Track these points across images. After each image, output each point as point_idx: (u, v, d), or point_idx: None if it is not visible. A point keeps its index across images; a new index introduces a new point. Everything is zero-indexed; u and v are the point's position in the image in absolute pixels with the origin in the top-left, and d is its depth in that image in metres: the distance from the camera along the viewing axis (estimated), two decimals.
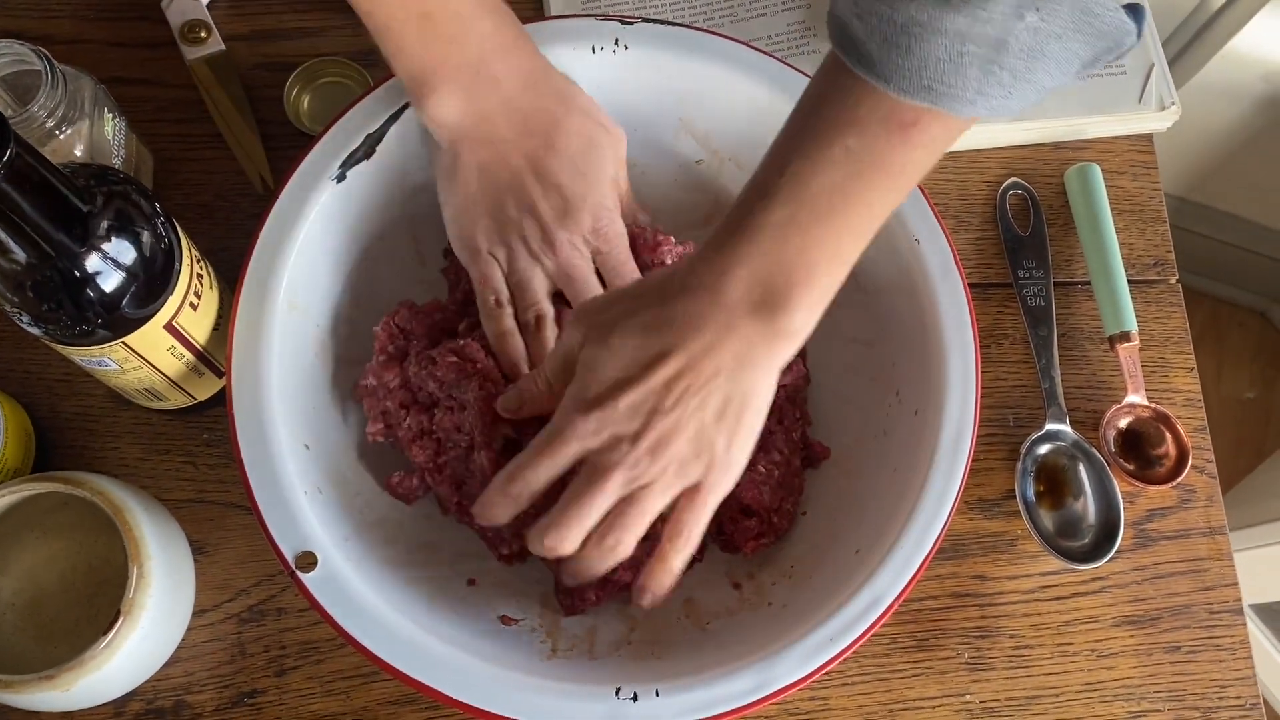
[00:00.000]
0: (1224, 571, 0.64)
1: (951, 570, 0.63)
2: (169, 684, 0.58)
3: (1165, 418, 0.65)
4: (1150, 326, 0.69)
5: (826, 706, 0.60)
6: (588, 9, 0.72)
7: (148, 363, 0.53)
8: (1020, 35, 0.41)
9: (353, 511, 0.56)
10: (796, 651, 0.51)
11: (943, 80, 0.42)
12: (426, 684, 0.49)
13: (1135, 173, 0.72)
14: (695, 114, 0.64)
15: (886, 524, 0.54)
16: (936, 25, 0.40)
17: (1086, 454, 0.64)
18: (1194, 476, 0.66)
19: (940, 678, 0.61)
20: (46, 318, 0.48)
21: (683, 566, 0.51)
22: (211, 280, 0.56)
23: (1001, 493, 0.65)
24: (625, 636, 0.56)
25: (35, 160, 0.42)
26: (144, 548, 0.52)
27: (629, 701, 0.50)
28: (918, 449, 0.56)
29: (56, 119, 0.57)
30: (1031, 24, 0.40)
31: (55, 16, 0.71)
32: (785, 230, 0.46)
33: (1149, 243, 0.71)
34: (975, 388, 0.56)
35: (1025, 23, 0.40)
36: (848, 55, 0.44)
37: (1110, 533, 0.62)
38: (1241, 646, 0.63)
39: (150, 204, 0.50)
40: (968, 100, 0.42)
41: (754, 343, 0.47)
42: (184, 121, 0.69)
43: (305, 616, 0.60)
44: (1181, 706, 0.61)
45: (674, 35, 0.62)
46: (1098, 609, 0.63)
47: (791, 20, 0.72)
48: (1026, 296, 0.68)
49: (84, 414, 0.63)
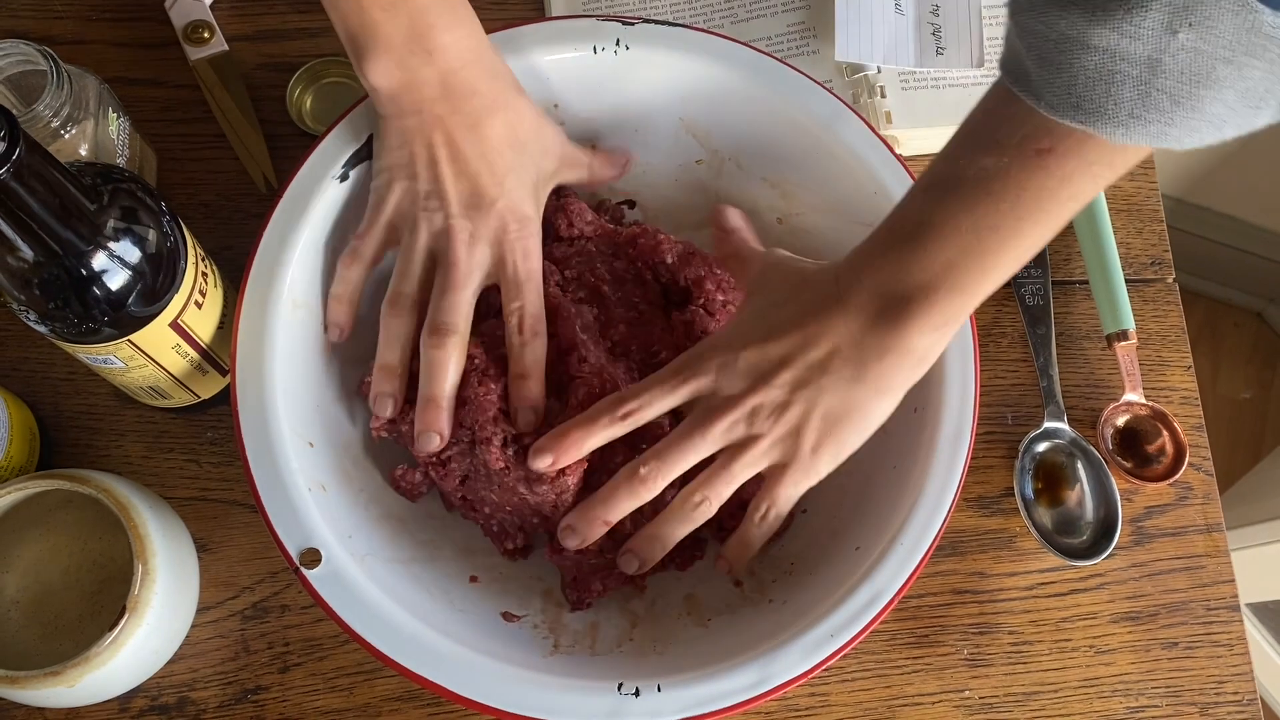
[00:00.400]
0: (1221, 568, 0.64)
1: (951, 567, 0.63)
2: (173, 680, 0.59)
3: (1162, 416, 0.66)
4: (1147, 325, 0.69)
5: (827, 702, 0.60)
6: (589, 10, 0.73)
7: (153, 361, 0.54)
8: (1176, 55, 0.38)
9: (356, 508, 0.56)
10: (797, 647, 0.51)
11: (1091, 98, 0.39)
12: (430, 679, 0.50)
13: (1132, 172, 0.73)
14: (696, 114, 0.64)
15: (886, 521, 0.55)
16: (1086, 40, 0.38)
17: (1084, 452, 0.64)
18: (1191, 474, 0.66)
19: (939, 674, 0.61)
20: (53, 315, 0.48)
21: (761, 543, 0.55)
22: (216, 279, 0.56)
23: (1000, 490, 0.65)
24: (627, 633, 0.57)
25: (43, 159, 0.42)
26: (149, 544, 0.53)
27: (631, 697, 0.50)
28: (917, 446, 0.56)
29: (62, 118, 0.57)
30: (1187, 43, 0.37)
31: (58, 17, 0.71)
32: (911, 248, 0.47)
33: (1146, 242, 0.71)
34: (974, 386, 0.57)
35: (1179, 40, 0.37)
36: (1006, 72, 0.43)
37: (1108, 530, 0.62)
38: (1239, 643, 0.63)
39: (156, 202, 0.50)
40: (1120, 122, 0.40)
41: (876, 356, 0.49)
42: (187, 121, 0.70)
43: (308, 613, 0.60)
44: (1179, 702, 0.62)
45: (675, 36, 0.62)
46: (1096, 605, 0.63)
47: (791, 21, 0.73)
48: (1025, 295, 0.68)
49: (88, 412, 0.63)
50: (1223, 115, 0.40)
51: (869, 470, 0.59)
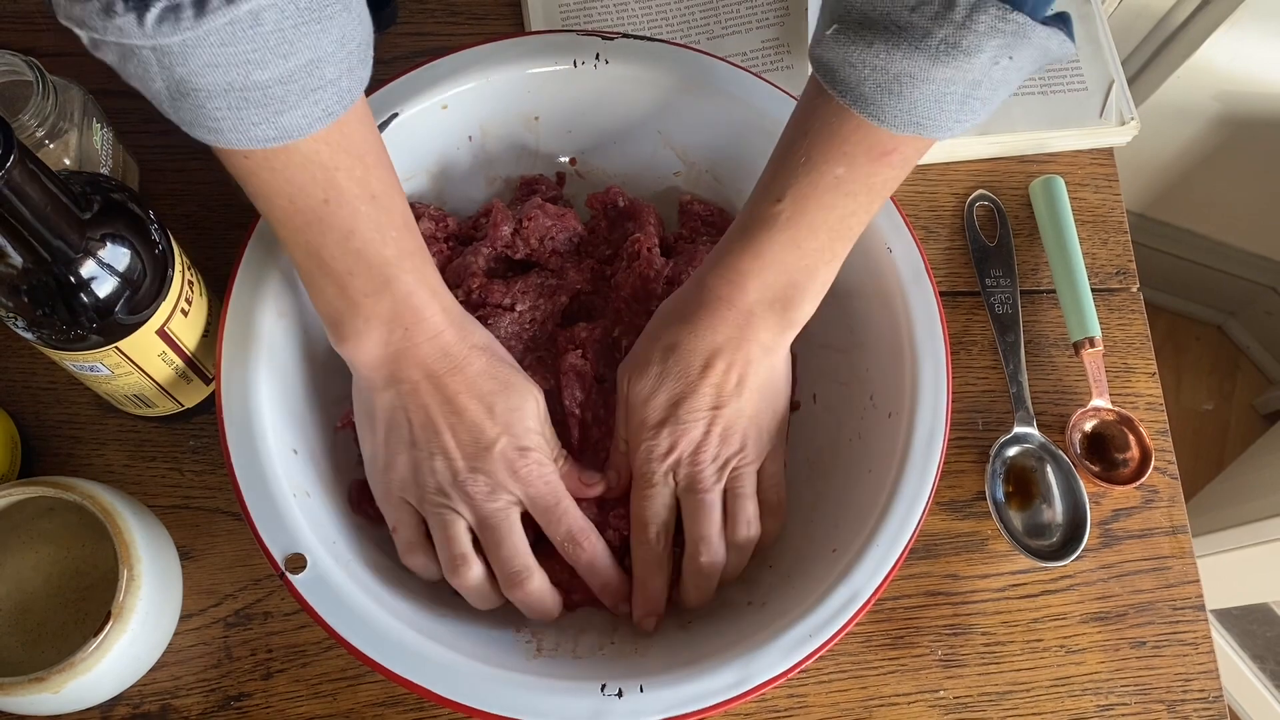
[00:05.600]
0: (1186, 569, 0.66)
1: (925, 570, 0.65)
2: (155, 688, 0.59)
3: (1129, 420, 0.67)
4: (1113, 333, 0.71)
5: (805, 704, 0.61)
6: (568, 25, 0.74)
7: (139, 368, 0.54)
8: (993, 74, 0.46)
9: (340, 515, 0.57)
10: (777, 646, 0.52)
11: (929, 117, 0.48)
12: (415, 682, 0.50)
13: (1097, 185, 0.75)
14: (674, 127, 0.65)
15: (862, 523, 0.56)
16: (926, 75, 0.46)
17: (1053, 456, 0.66)
18: (1156, 477, 0.68)
19: (915, 674, 0.63)
20: (41, 322, 0.49)
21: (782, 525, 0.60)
22: (201, 287, 0.57)
23: (972, 494, 0.66)
24: (609, 636, 0.57)
25: (35, 166, 0.43)
26: (134, 550, 0.53)
27: (614, 697, 0.51)
28: (891, 451, 0.58)
29: (47, 128, 0.57)
30: (1003, 66, 0.46)
31: (41, 30, 0.72)
32: (787, 248, 0.54)
33: (1111, 252, 0.73)
34: (946, 392, 0.58)
35: (999, 66, 0.46)
36: (840, 95, 0.49)
37: (1077, 532, 0.64)
38: (1204, 641, 0.65)
39: (144, 210, 0.51)
40: (946, 129, 0.49)
41: (772, 332, 0.56)
42: (169, 133, 0.69)
43: (292, 620, 0.60)
44: (1147, 700, 0.63)
45: (654, 51, 0.63)
46: (1066, 606, 0.65)
47: (765, 38, 0.74)
48: (994, 304, 0.70)
49: (70, 421, 0.63)
50: (1002, 99, 0.49)
51: (845, 474, 0.60)
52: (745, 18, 0.75)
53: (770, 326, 0.56)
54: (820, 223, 0.53)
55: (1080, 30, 0.76)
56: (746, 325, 0.55)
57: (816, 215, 0.53)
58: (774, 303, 0.55)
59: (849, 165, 0.51)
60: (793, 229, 0.53)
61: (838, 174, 0.52)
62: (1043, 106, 0.74)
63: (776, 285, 0.55)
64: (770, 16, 0.75)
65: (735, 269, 0.55)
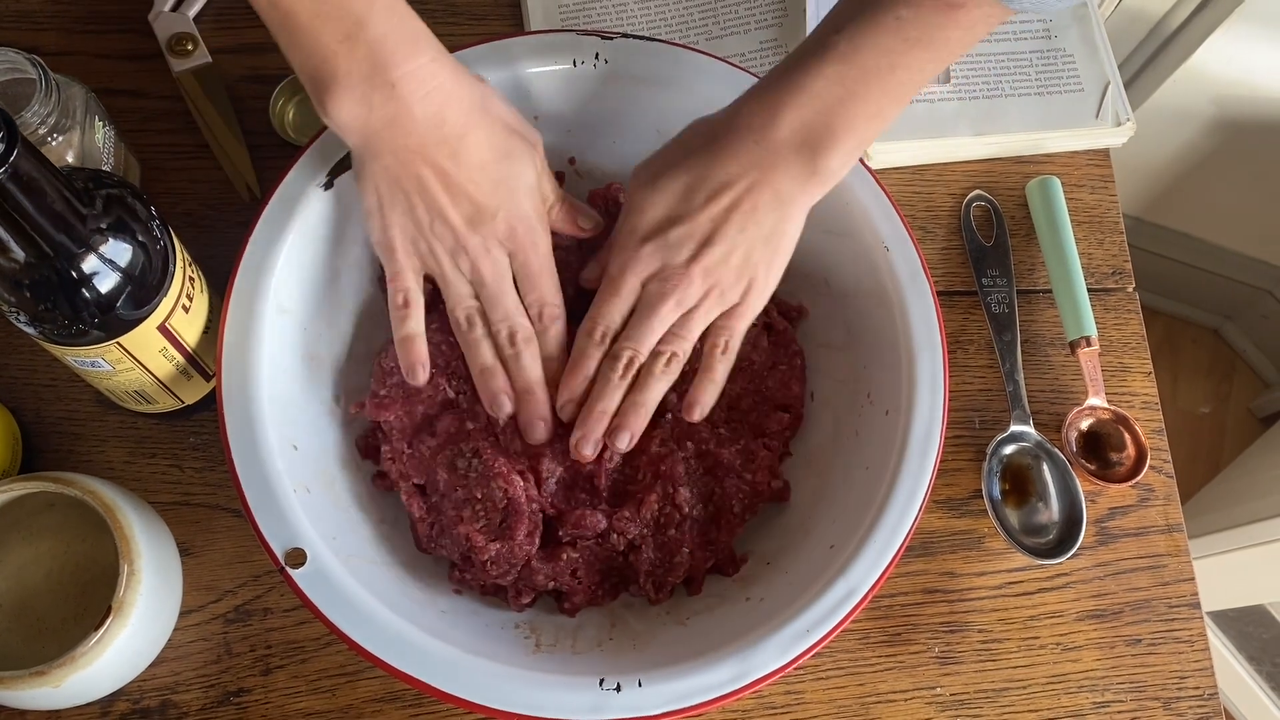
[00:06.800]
0: (1181, 567, 0.67)
1: (921, 567, 0.65)
2: (155, 684, 0.59)
3: (1124, 419, 0.68)
4: (1109, 333, 0.71)
5: (802, 700, 0.62)
6: (568, 25, 0.74)
7: (140, 364, 0.54)
8: None
9: (340, 511, 0.57)
10: (774, 642, 0.52)
11: None
12: (415, 676, 0.50)
13: (1093, 186, 0.75)
14: (672, 126, 0.65)
15: (859, 519, 0.56)
16: None
17: (1050, 454, 0.66)
18: (1152, 476, 0.68)
19: (911, 671, 0.63)
20: (43, 317, 0.49)
21: (725, 378, 0.58)
22: (202, 284, 0.57)
23: (969, 492, 0.67)
24: (607, 632, 0.58)
25: (39, 161, 0.43)
26: (134, 546, 0.53)
27: (613, 692, 0.51)
28: (889, 448, 0.58)
29: (49, 126, 0.58)
30: None
31: (43, 28, 0.72)
32: (834, 84, 0.51)
33: (1107, 252, 0.74)
34: (943, 390, 0.58)
35: None
36: None
37: (1073, 530, 0.64)
38: (1199, 639, 0.65)
39: (146, 207, 0.51)
40: None
41: (794, 180, 0.54)
42: (170, 131, 0.70)
43: (291, 616, 0.61)
44: (1143, 697, 0.63)
45: (652, 50, 0.64)
46: (1062, 604, 0.65)
47: (764, 38, 0.75)
48: (991, 303, 0.70)
49: (70, 418, 0.64)
50: None
51: (842, 471, 0.60)
52: (744, 18, 0.75)
53: (794, 173, 0.53)
54: (872, 68, 0.51)
55: (1076, 32, 0.77)
56: (769, 166, 0.54)
57: (869, 58, 0.51)
58: (803, 145, 0.53)
59: (915, 8, 0.49)
60: (842, 64, 0.51)
61: (900, 15, 0.49)
62: (1039, 107, 0.74)
63: (812, 124, 0.52)
64: (769, 18, 0.75)
65: (774, 97, 0.53)
